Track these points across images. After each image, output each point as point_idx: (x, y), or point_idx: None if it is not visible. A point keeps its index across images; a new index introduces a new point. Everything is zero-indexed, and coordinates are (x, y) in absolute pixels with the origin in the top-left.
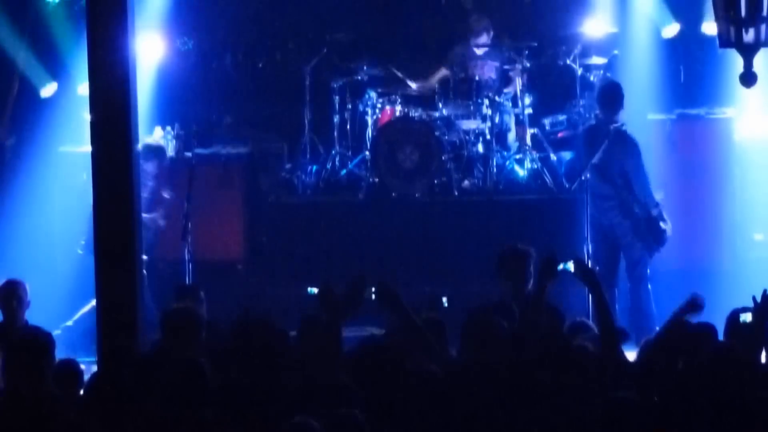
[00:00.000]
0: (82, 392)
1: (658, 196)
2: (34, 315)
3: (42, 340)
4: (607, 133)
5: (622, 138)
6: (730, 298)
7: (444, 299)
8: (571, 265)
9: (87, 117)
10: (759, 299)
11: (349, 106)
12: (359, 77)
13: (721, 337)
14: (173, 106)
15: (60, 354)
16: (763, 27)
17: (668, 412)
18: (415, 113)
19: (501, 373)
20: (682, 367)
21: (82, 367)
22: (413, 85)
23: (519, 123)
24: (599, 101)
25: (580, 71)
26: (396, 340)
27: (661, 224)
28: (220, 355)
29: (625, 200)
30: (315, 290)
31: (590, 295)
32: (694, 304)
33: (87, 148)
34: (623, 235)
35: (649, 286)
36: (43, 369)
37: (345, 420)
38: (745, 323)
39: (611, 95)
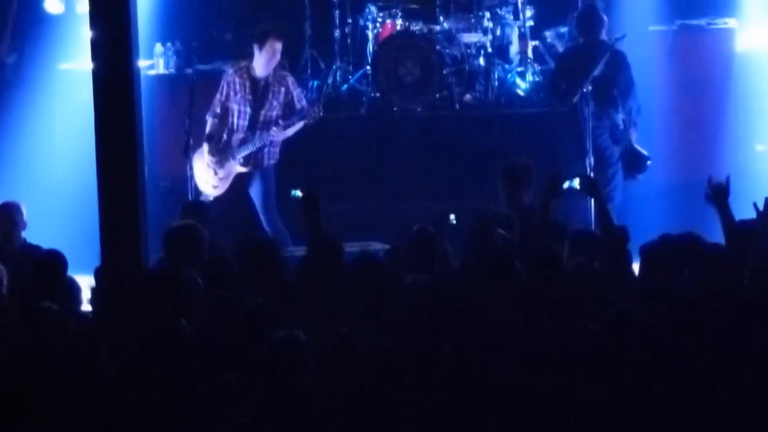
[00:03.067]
0: (82, 308)
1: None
2: (36, 234)
3: (59, 259)
4: (606, 49)
5: (617, 54)
6: (732, 210)
7: (452, 216)
8: (576, 182)
9: (87, 34)
10: (761, 207)
11: (350, 21)
12: None
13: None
14: (173, 22)
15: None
16: None
17: (671, 323)
18: (416, 27)
19: (502, 286)
20: (686, 279)
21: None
22: None
23: (520, 36)
24: (579, 28)
25: None
26: (397, 255)
27: (641, 150)
28: (220, 273)
29: (615, 122)
30: (298, 193)
31: (595, 208)
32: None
33: (88, 65)
34: (609, 159)
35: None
36: (57, 287)
37: (333, 336)
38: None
39: (589, 18)
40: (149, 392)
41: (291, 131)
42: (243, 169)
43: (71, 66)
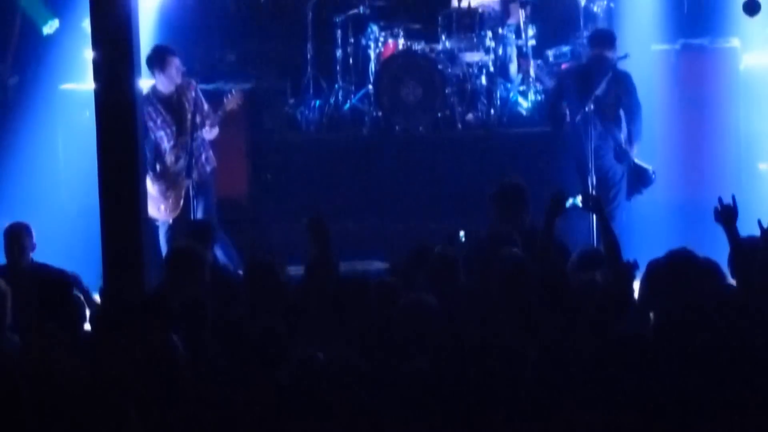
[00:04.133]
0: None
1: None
2: (39, 255)
3: (64, 281)
4: (609, 68)
5: (620, 74)
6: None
7: (462, 233)
8: (579, 200)
9: (89, 55)
10: (766, 225)
11: (352, 41)
12: (361, 11)
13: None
14: (175, 43)
15: None
16: None
17: (666, 347)
18: (418, 47)
19: (500, 306)
20: (685, 303)
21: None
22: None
23: (522, 55)
24: (590, 40)
25: (583, 2)
26: (395, 275)
27: (644, 165)
28: (225, 294)
29: (618, 141)
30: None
31: (597, 226)
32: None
33: (90, 86)
34: (612, 178)
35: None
36: (60, 309)
37: (341, 359)
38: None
39: (601, 34)
40: (146, 414)
41: (216, 128)
42: (191, 181)
43: (73, 87)
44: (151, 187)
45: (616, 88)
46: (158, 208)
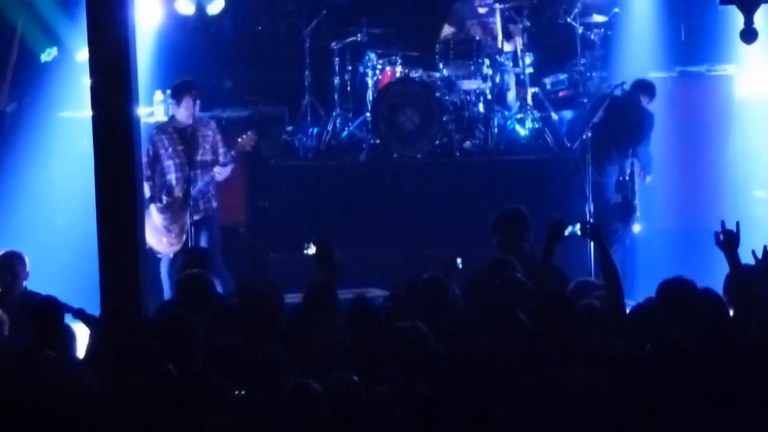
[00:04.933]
0: (80, 354)
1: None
2: (35, 282)
3: (54, 307)
4: (606, 97)
5: (640, 112)
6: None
7: (459, 260)
8: (578, 228)
9: (87, 82)
10: (759, 255)
11: (350, 68)
12: (359, 39)
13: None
14: (173, 70)
15: None
16: None
17: (663, 371)
18: (416, 74)
19: (499, 333)
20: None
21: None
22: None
23: (520, 82)
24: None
25: (580, 30)
26: (395, 302)
27: (635, 202)
28: (222, 318)
29: (623, 170)
30: (311, 249)
31: (596, 252)
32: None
33: (87, 113)
34: (614, 208)
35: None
36: (52, 334)
37: (340, 382)
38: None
39: (639, 82)
40: None
41: (230, 167)
42: (196, 217)
43: (71, 114)
44: (156, 219)
45: (621, 119)
46: (159, 240)
